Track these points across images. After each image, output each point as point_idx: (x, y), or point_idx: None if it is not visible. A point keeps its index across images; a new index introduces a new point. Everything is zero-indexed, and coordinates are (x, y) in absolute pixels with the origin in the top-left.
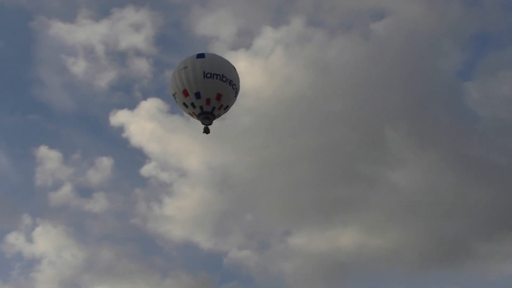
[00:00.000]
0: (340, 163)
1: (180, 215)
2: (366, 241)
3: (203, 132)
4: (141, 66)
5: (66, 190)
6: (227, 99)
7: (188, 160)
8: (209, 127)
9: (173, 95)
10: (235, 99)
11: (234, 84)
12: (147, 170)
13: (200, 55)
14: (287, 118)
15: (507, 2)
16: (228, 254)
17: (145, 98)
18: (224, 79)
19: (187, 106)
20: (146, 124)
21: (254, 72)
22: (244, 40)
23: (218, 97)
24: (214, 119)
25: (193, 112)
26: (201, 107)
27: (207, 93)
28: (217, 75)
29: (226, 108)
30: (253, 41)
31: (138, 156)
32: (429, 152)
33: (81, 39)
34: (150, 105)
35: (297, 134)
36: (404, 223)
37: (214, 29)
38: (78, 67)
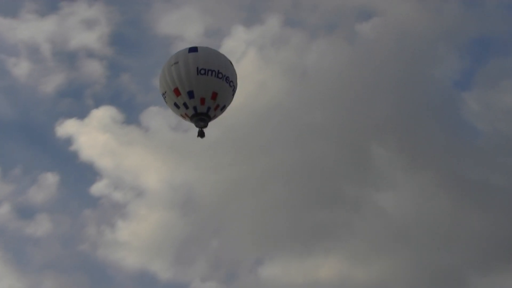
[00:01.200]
0: (320, 183)
1: (135, 240)
2: (350, 272)
3: (198, 136)
4: (94, 69)
5: (3, 210)
6: (224, 98)
7: (145, 178)
8: (204, 130)
9: (163, 94)
10: (233, 97)
11: (232, 81)
12: (98, 188)
13: (193, 49)
14: (260, 131)
15: (511, 2)
16: (190, 286)
17: (97, 106)
18: (220, 75)
19: (178, 107)
20: (98, 136)
21: None
22: (212, 41)
23: (214, 96)
24: (210, 121)
25: (185, 114)
26: (194, 108)
27: (202, 92)
28: (212, 71)
29: (223, 108)
30: (222, 42)
31: (88, 173)
32: (421, 172)
33: (24, 37)
34: (103, 114)
35: (271, 150)
36: (392, 253)
37: (178, 28)
38: (20, 69)
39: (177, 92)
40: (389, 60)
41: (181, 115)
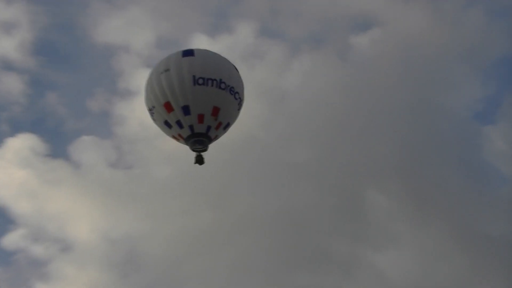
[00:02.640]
0: (303, 238)
1: None
2: None
3: (195, 163)
4: (11, 85)
5: None
6: (228, 114)
7: (74, 228)
8: (203, 154)
9: (150, 110)
10: (238, 113)
11: (237, 93)
12: (12, 240)
13: (188, 52)
14: (227, 170)
15: None
16: None
17: (14, 134)
18: (222, 85)
19: (170, 126)
20: (13, 172)
21: None
22: (167, 53)
23: (215, 111)
24: (210, 143)
25: (179, 135)
26: (191, 127)
27: (200, 107)
28: (213, 80)
29: (226, 126)
30: None
31: (0, 220)
32: (429, 227)
33: None
34: (22, 144)
35: (241, 195)
36: None
37: (123, 36)
38: None
39: (168, 107)
40: (392, 83)
41: (174, 136)
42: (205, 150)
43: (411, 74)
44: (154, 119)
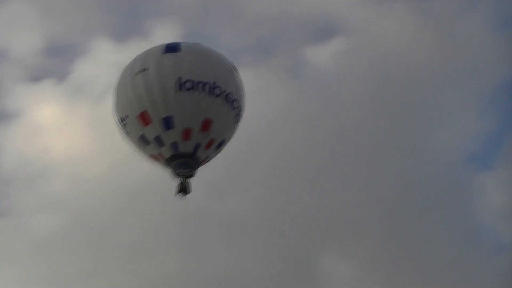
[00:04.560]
0: None
1: None
2: None
3: (178, 192)
4: None
5: None
6: (222, 129)
7: None
8: (189, 181)
9: (121, 121)
10: (236, 127)
11: (235, 100)
12: None
13: (172, 47)
14: (139, 224)
15: None
16: None
17: None
18: (216, 90)
19: (147, 143)
20: None
21: (71, 128)
22: (59, 62)
23: (206, 125)
24: (199, 166)
25: (159, 154)
26: (174, 145)
27: (186, 119)
28: (204, 83)
29: (220, 145)
30: (73, 67)
31: None
32: None
33: None
34: None
35: (152, 255)
36: None
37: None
38: None
39: (145, 118)
40: (361, 111)
41: (152, 156)
42: (191, 175)
43: (387, 100)
44: (126, 133)
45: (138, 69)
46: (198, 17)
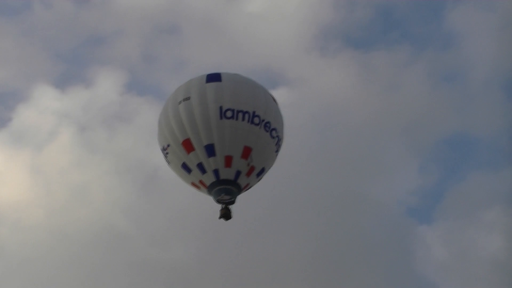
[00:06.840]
0: None
1: None
2: None
3: (220, 218)
4: None
5: None
6: (262, 157)
7: None
8: (231, 207)
9: (164, 149)
10: (276, 156)
11: (274, 129)
12: None
13: (214, 76)
14: (85, 270)
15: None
16: None
17: None
18: (256, 119)
19: (190, 171)
20: None
21: (11, 175)
22: None
23: (246, 153)
24: (240, 193)
25: (200, 181)
26: (215, 172)
27: (227, 147)
28: (244, 113)
29: (261, 172)
30: (14, 113)
31: None
32: None
33: None
34: None
35: None
36: None
37: None
38: None
39: (188, 146)
40: (301, 163)
41: (194, 184)
42: (233, 202)
43: (329, 152)
44: (168, 161)
45: (181, 98)
46: (139, 64)
